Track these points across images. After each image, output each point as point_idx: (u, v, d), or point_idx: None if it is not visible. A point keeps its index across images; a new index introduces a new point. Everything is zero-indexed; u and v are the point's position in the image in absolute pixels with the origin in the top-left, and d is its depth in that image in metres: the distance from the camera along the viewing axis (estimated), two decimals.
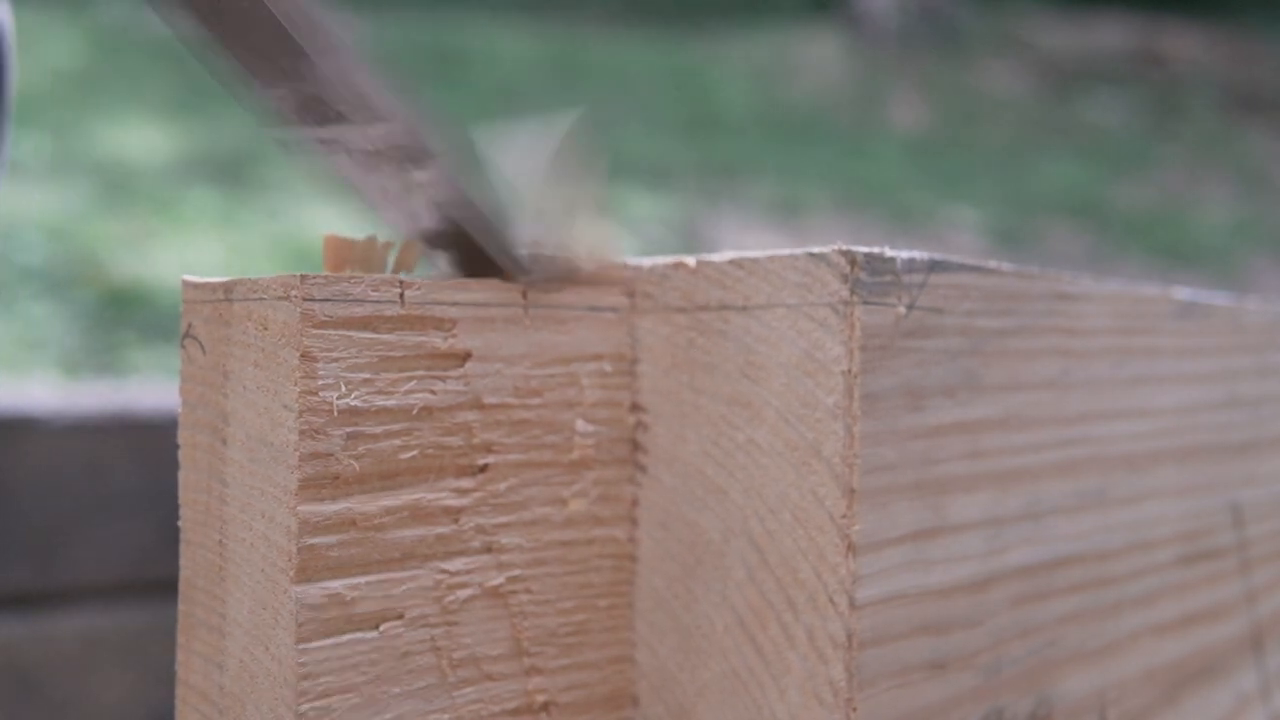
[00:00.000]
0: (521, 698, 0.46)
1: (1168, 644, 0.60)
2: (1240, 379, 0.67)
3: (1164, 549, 0.60)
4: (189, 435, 0.45)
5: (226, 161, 3.87)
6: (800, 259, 0.44)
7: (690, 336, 0.47)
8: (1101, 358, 0.55)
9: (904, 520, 0.45)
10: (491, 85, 5.44)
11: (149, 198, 3.43)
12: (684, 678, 0.47)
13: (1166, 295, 0.61)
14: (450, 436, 0.44)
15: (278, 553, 0.41)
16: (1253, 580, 0.67)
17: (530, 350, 0.46)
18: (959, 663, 0.48)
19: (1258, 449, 0.68)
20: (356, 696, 0.41)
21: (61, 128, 3.90)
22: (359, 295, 0.41)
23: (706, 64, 6.90)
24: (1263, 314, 0.69)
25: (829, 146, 5.69)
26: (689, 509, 0.47)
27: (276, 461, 0.41)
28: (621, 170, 4.59)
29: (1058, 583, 0.53)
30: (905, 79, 7.10)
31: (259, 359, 0.42)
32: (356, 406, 0.41)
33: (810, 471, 0.44)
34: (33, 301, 2.62)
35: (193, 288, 0.45)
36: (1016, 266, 0.51)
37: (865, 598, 0.43)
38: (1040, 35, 8.29)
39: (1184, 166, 6.36)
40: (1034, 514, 0.51)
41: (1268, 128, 7.15)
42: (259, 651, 0.42)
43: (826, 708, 0.43)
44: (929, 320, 0.46)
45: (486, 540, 0.45)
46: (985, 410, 0.49)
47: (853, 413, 0.43)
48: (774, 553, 0.45)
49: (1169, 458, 0.60)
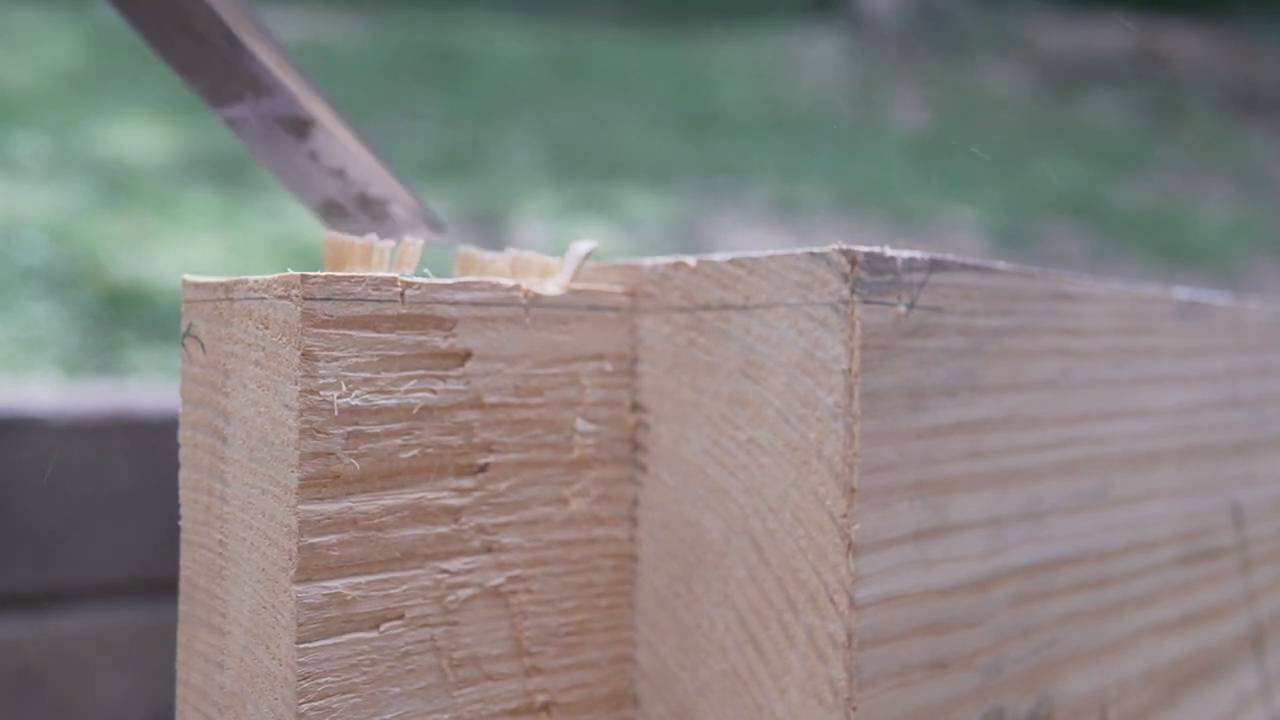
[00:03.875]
0: (522, 698, 0.46)
1: (1168, 644, 0.60)
2: (1240, 379, 0.67)
3: (1164, 549, 0.60)
4: (189, 435, 0.45)
5: (226, 161, 3.87)
6: (801, 258, 0.44)
7: (691, 336, 0.47)
8: (1102, 357, 0.55)
9: (904, 520, 0.45)
10: (491, 85, 5.44)
11: (149, 198, 3.43)
12: (685, 677, 0.47)
13: (1167, 295, 0.61)
14: (451, 436, 0.44)
15: (278, 552, 0.41)
16: (1253, 580, 0.67)
17: (531, 349, 0.46)
18: (959, 662, 0.48)
19: (1258, 449, 0.68)
20: (357, 696, 0.41)
21: (61, 128, 3.90)
22: (360, 294, 0.41)
23: (706, 64, 6.90)
24: (1263, 314, 0.69)
25: (829, 146, 5.69)
26: (690, 508, 0.47)
27: (277, 460, 0.41)
28: (621, 170, 4.59)
29: (1058, 582, 0.53)
30: (905, 79, 7.10)
31: (260, 358, 0.42)
32: (357, 406, 0.41)
33: (811, 471, 0.44)
34: (33, 301, 2.62)
35: (193, 287, 0.45)
36: (1017, 266, 0.51)
37: (865, 597, 0.43)
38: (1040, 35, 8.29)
39: (1184, 166, 6.35)
40: (1034, 514, 0.51)
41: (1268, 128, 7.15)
42: (259, 651, 0.42)
43: (826, 707, 0.43)
44: (929, 320, 0.46)
45: (487, 540, 0.45)
46: (986, 410, 0.49)
47: (853, 412, 0.43)
48: (774, 552, 0.45)
49: (1169, 458, 0.60)
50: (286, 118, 0.52)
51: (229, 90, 0.51)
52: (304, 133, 0.52)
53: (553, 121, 5.16)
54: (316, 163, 0.53)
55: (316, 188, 0.55)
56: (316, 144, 0.53)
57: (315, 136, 0.53)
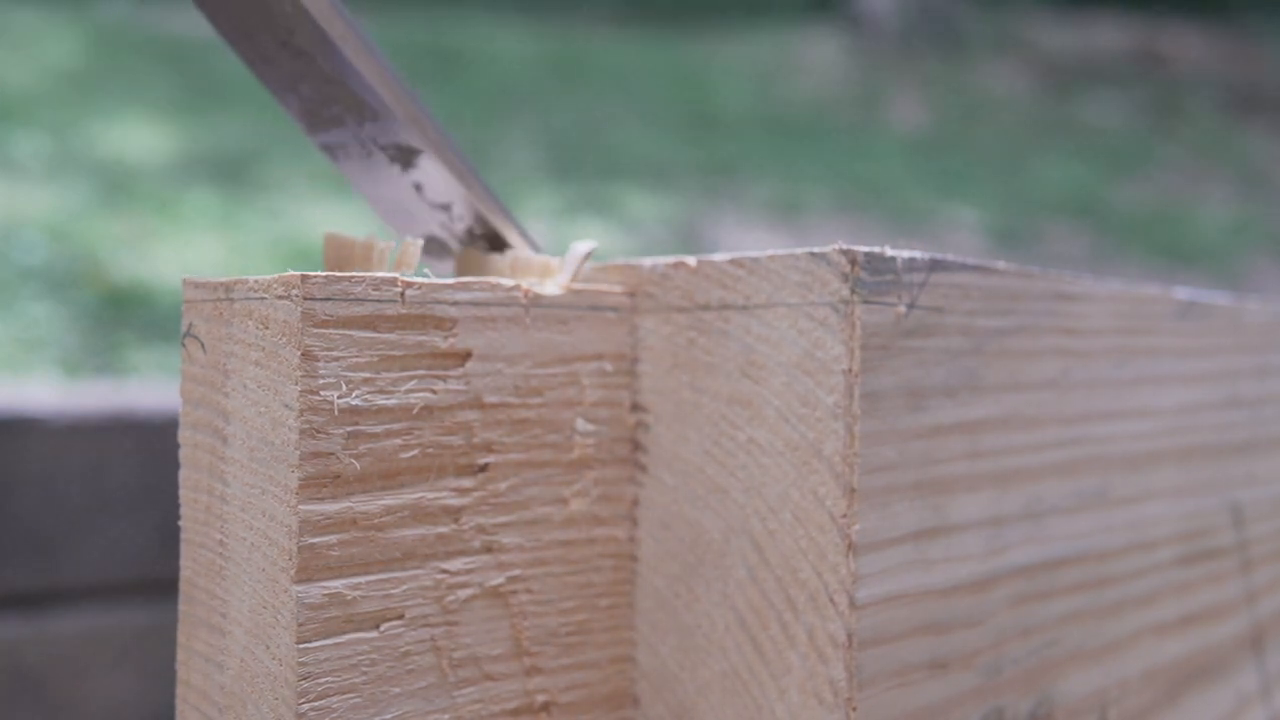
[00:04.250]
0: (522, 697, 0.46)
1: (1168, 644, 0.60)
2: (1240, 379, 0.67)
3: (1164, 549, 0.60)
4: (189, 435, 0.45)
5: (226, 161, 3.87)
6: (801, 258, 0.44)
7: (691, 336, 0.47)
8: (1102, 358, 0.55)
9: (904, 520, 0.45)
10: (491, 85, 5.44)
11: (149, 198, 3.43)
12: (684, 677, 0.47)
13: (1166, 295, 0.61)
14: (451, 436, 0.44)
15: (278, 552, 0.41)
16: (1253, 580, 0.67)
17: (531, 350, 0.46)
18: (959, 662, 0.48)
19: (1258, 449, 0.68)
20: (357, 696, 0.41)
21: (61, 128, 3.90)
22: (360, 294, 0.41)
23: (706, 64, 6.90)
24: (1263, 314, 0.69)
25: (829, 146, 5.69)
26: (690, 508, 0.47)
27: (277, 460, 0.41)
28: (621, 170, 4.59)
29: (1058, 582, 0.53)
30: (905, 79, 7.10)
31: (260, 358, 0.42)
32: (357, 406, 0.41)
33: (811, 471, 0.44)
34: (33, 301, 2.62)
35: (193, 287, 0.45)
36: (1017, 266, 0.51)
37: (865, 597, 0.43)
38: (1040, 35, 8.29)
39: (1184, 166, 6.35)
40: (1034, 514, 0.51)
41: (1268, 128, 7.15)
42: (259, 651, 0.42)
43: (826, 707, 0.43)
44: (929, 320, 0.46)
45: (487, 540, 0.45)
46: (986, 410, 0.49)
47: (853, 412, 0.43)
48: (774, 552, 0.45)
49: (1169, 458, 0.60)
50: (391, 146, 0.48)
51: (329, 114, 0.47)
52: (410, 163, 0.49)
53: (553, 121, 5.16)
54: (421, 195, 0.50)
55: (418, 221, 0.51)
56: (422, 175, 0.49)
57: (421, 167, 0.49)
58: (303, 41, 0.45)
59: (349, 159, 0.49)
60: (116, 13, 5.63)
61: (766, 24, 7.82)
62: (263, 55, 0.46)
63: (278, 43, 0.45)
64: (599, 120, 5.34)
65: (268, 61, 0.46)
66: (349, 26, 0.46)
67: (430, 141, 0.49)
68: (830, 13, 7.99)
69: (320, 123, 0.48)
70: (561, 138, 4.92)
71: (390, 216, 0.51)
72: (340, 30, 0.46)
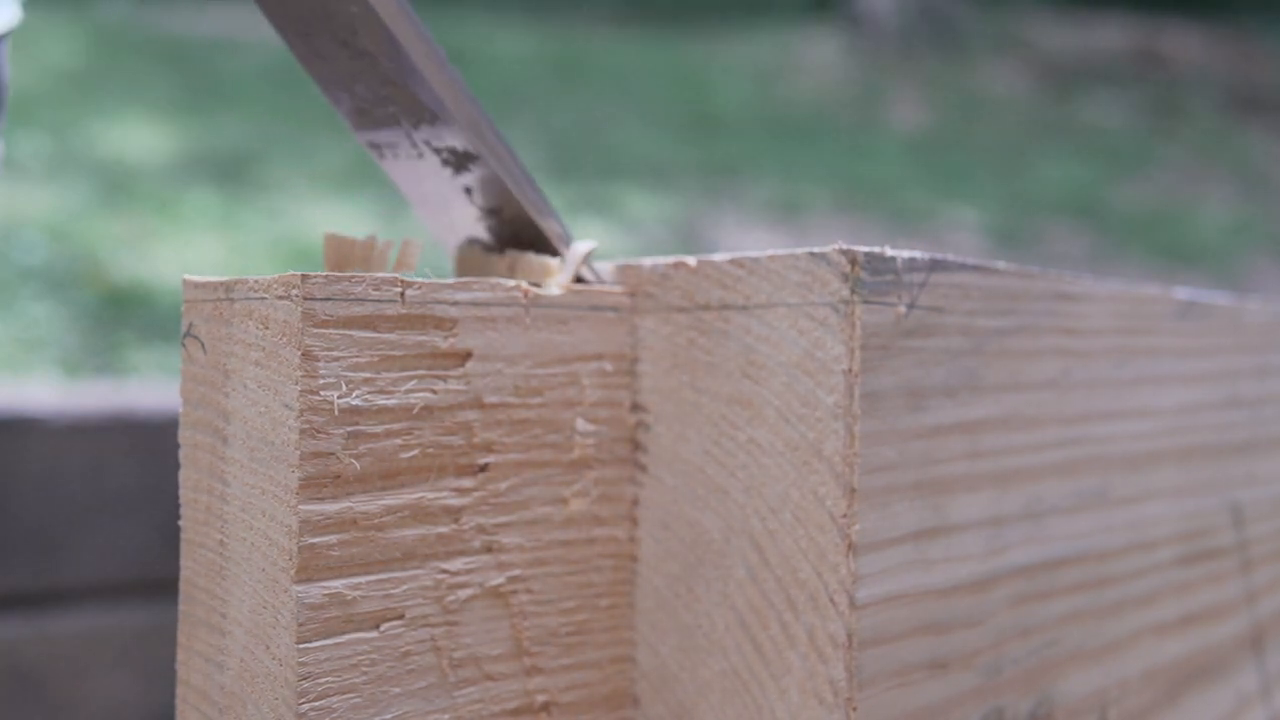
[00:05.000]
0: (522, 698, 0.46)
1: (1168, 644, 0.60)
2: (1240, 379, 0.67)
3: (1164, 549, 0.60)
4: (189, 435, 0.45)
5: (226, 161, 3.87)
6: (801, 258, 0.44)
7: (691, 336, 0.47)
8: (1102, 358, 0.55)
9: (904, 520, 0.45)
10: (491, 85, 5.43)
11: (149, 198, 3.43)
12: (685, 677, 0.47)
13: (1166, 295, 0.61)
14: (451, 436, 0.44)
15: (278, 552, 0.41)
16: (1253, 580, 0.67)
17: (531, 350, 0.46)
18: (959, 662, 0.48)
19: (1258, 449, 0.68)
20: (357, 696, 0.41)
21: (61, 127, 3.90)
22: (360, 295, 0.41)
23: (706, 64, 6.90)
24: (1263, 314, 0.69)
25: (829, 146, 5.69)
26: (690, 508, 0.47)
27: (277, 460, 0.41)
28: (621, 170, 4.59)
29: (1058, 582, 0.53)
30: (905, 79, 7.10)
31: (260, 358, 0.42)
32: (357, 406, 0.41)
33: (811, 471, 0.44)
34: (33, 301, 2.62)
35: (194, 287, 0.45)
36: (1017, 266, 0.51)
37: (865, 597, 0.43)
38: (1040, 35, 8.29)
39: (1184, 166, 6.35)
40: (1034, 514, 0.51)
41: (1268, 128, 7.15)
42: (260, 651, 0.42)
43: (826, 707, 0.43)
44: (929, 320, 0.46)
45: (487, 540, 0.45)
46: (986, 410, 0.49)
47: (853, 412, 0.43)
48: (774, 552, 0.45)
49: (1169, 458, 0.60)
50: (446, 149, 0.47)
51: (383, 114, 0.46)
52: (464, 167, 0.47)
53: (553, 121, 5.16)
54: (470, 199, 0.49)
55: (463, 224, 0.50)
56: (474, 179, 0.48)
57: (474, 171, 0.48)
58: (366, 43, 0.44)
59: (396, 158, 0.48)
60: (116, 13, 5.63)
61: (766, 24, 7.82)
62: (317, 52, 0.45)
63: (337, 41, 0.44)
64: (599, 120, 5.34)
65: (322, 59, 0.45)
66: (415, 29, 0.45)
67: (488, 146, 0.47)
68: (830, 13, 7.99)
69: (371, 121, 0.47)
70: (561, 138, 4.92)
71: (432, 216, 0.51)
72: (407, 32, 0.44)
